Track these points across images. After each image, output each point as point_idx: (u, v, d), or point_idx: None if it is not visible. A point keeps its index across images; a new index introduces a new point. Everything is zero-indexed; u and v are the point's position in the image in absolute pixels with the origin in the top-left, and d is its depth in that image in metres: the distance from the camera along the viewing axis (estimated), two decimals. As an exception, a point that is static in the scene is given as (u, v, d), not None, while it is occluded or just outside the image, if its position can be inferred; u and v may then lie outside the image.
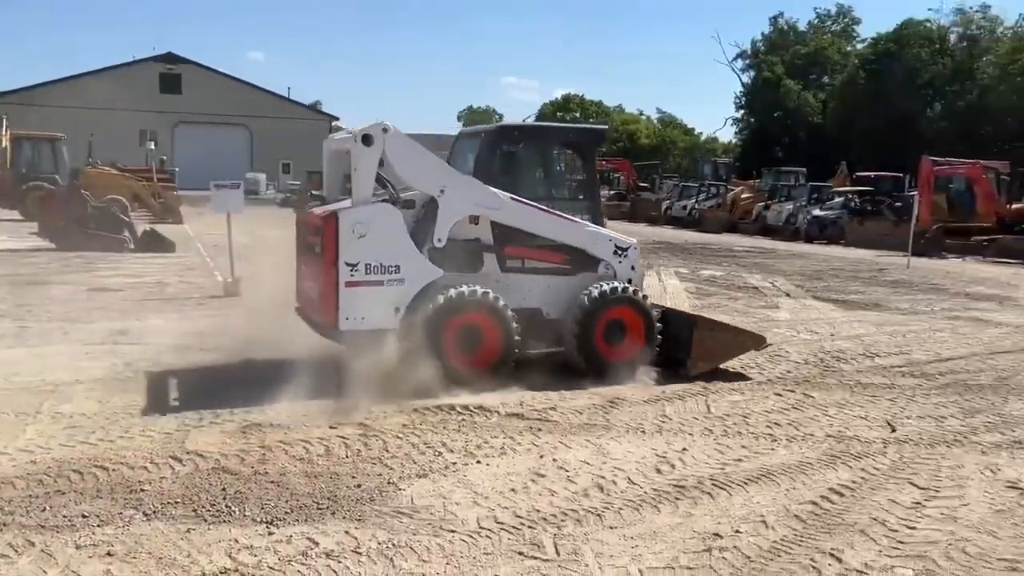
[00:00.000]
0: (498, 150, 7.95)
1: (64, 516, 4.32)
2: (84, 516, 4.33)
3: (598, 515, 4.64)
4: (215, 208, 12.95)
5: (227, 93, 59.44)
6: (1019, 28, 54.48)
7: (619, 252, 7.86)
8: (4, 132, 27.52)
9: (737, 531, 4.46)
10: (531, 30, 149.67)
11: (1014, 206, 25.98)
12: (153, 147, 41.42)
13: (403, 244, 6.97)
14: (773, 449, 5.85)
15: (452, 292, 6.89)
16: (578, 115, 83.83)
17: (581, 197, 8.36)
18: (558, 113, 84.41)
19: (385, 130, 6.87)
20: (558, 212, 7.69)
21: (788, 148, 58.63)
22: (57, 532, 4.14)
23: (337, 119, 69.64)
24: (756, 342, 8.03)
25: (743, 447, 5.86)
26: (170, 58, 59.22)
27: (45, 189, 23.01)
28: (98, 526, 4.23)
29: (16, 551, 3.93)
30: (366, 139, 6.82)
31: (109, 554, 3.95)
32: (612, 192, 43.36)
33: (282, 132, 59.57)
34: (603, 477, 5.22)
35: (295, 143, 59.79)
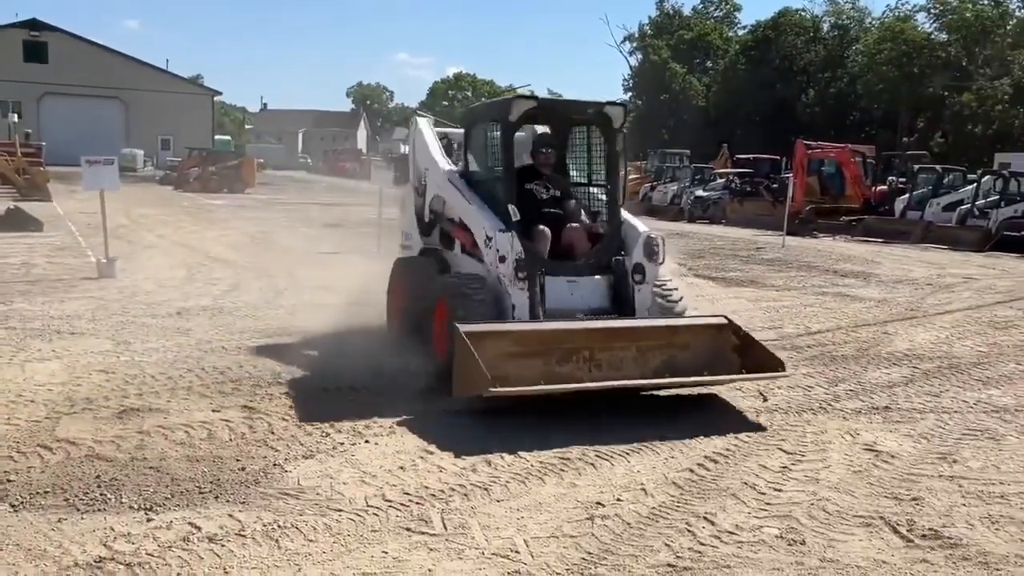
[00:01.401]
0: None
1: (-80, 511, 4.07)
2: (-57, 510, 4.09)
3: (485, 489, 4.72)
4: (86, 185, 12.32)
5: (99, 63, 56.26)
6: (886, 19, 57.73)
7: (488, 241, 6.81)
8: None
9: (619, 499, 4.63)
10: (425, 5, 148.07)
11: (878, 188, 27.69)
12: (16, 120, 38.85)
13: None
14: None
15: None
16: (469, 94, 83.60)
17: (599, 178, 7.46)
18: (449, 92, 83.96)
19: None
20: (460, 188, 7.23)
21: (673, 131, 60.36)
22: (-88, 528, 3.90)
23: (220, 93, 67.07)
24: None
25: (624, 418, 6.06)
26: (34, 24, 55.51)
27: None
28: (-41, 520, 4.01)
29: None
30: None
31: (-28, 548, 3.75)
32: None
33: (160, 106, 56.95)
34: (490, 452, 5.30)
35: (175, 118, 57.30)
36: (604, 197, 7.28)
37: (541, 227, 6.88)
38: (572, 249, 6.93)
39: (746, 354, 6.42)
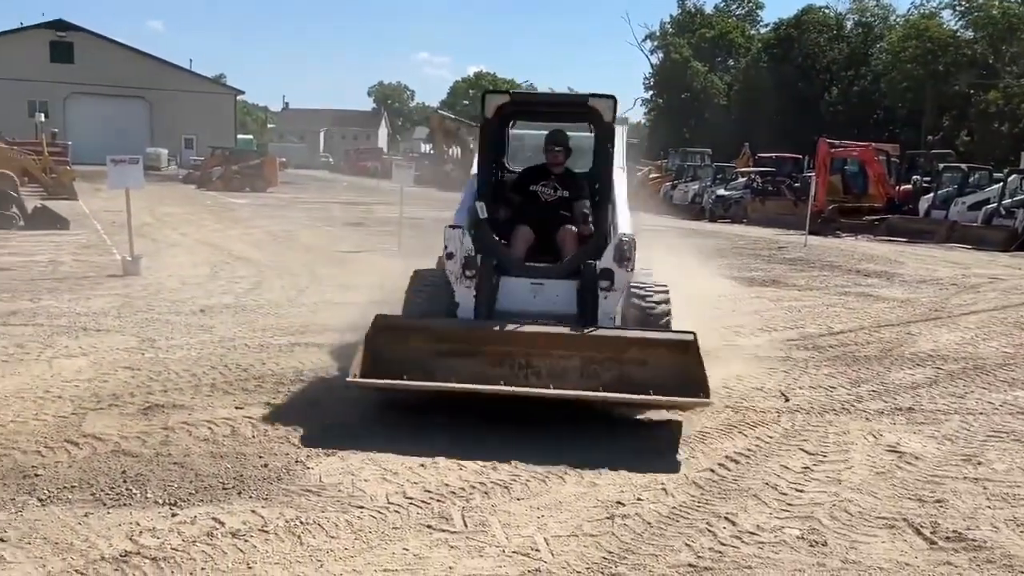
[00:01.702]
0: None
1: (-50, 504, 4.15)
2: (-27, 503, 4.17)
3: (506, 487, 4.73)
4: (112, 184, 12.46)
5: (124, 63, 56.84)
6: (910, 16, 57.15)
7: None
8: None
9: (639, 499, 4.63)
10: (445, 4, 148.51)
11: (902, 188, 27.43)
12: (43, 119, 39.30)
13: None
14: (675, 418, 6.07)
15: None
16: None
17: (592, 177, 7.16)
18: (470, 91, 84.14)
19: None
20: (467, 188, 7.11)
21: (694, 129, 60.07)
22: (-56, 520, 3.98)
23: (242, 93, 67.59)
24: None
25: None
26: (61, 25, 56.17)
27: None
28: (-11, 513, 4.08)
29: (-101, 541, 3.75)
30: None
31: (1, 540, 3.82)
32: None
33: (184, 106, 57.47)
34: (512, 450, 5.31)
35: (198, 117, 57.83)
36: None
37: (522, 227, 6.70)
38: (562, 251, 6.66)
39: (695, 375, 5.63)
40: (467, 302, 6.25)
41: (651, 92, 69.12)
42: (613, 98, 6.52)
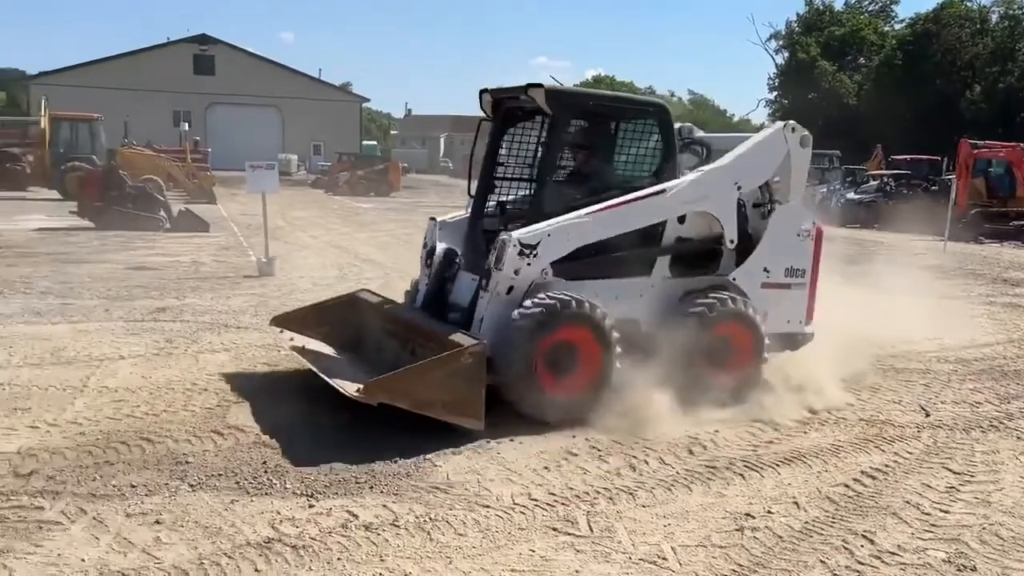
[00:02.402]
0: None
1: (113, 486, 4.47)
2: (132, 486, 4.48)
3: (631, 494, 4.70)
4: (250, 188, 13.10)
5: (259, 74, 59.77)
6: (1063, 8, 53.10)
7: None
8: (43, 113, 28.01)
9: (769, 511, 4.50)
10: (564, 9, 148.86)
11: (1055, 191, 25.47)
12: (187, 128, 41.82)
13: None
14: (805, 432, 5.87)
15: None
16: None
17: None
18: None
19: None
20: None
21: (822, 130, 57.79)
22: (107, 501, 4.29)
23: (367, 100, 69.81)
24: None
25: (775, 430, 5.88)
26: (204, 39, 59.60)
27: (83, 169, 23.35)
28: (146, 495, 4.38)
29: (69, 518, 4.08)
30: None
31: (158, 522, 4.09)
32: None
33: (312, 113, 59.85)
34: (635, 457, 5.28)
35: (325, 124, 60.14)
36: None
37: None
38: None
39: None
40: (421, 289, 6.80)
41: (775, 93, 67.04)
42: (542, 86, 6.23)
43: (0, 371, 6.66)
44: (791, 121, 6.93)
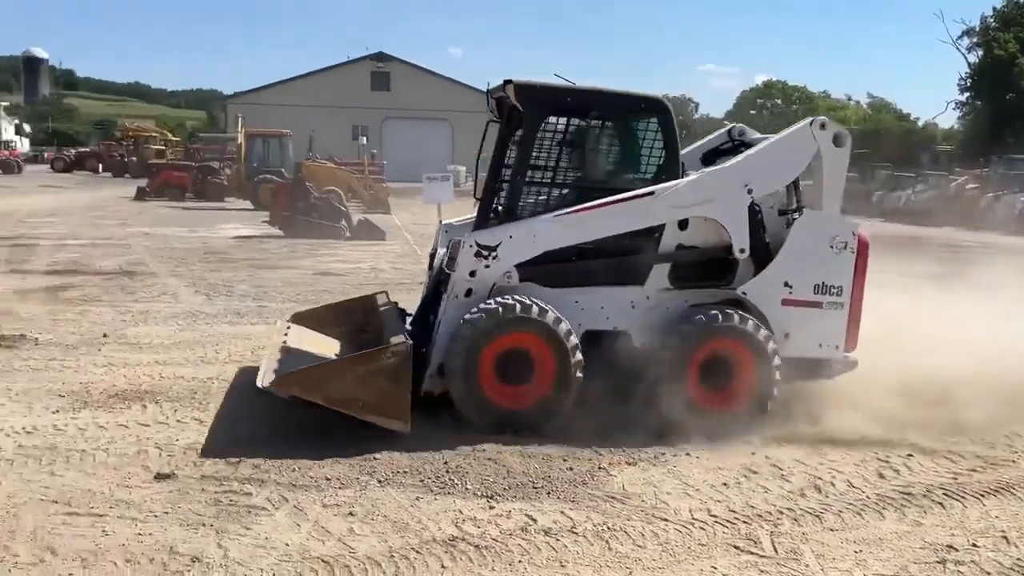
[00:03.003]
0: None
1: (311, 477, 4.78)
2: (327, 479, 4.76)
3: (816, 516, 4.50)
4: (426, 199, 13.56)
5: (431, 89, 62.17)
6: None
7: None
8: (240, 130, 30.44)
9: (974, 544, 4.18)
10: (732, 14, 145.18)
11: None
12: (364, 141, 44.18)
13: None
14: (1014, 461, 5.40)
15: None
16: (779, 101, 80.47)
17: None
18: (758, 100, 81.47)
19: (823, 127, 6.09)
20: None
21: (1021, 133, 53.02)
22: (306, 491, 4.59)
23: (533, 112, 70.82)
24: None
25: (978, 457, 5.45)
26: (380, 57, 62.83)
27: (274, 181, 25.19)
28: (340, 488, 4.65)
29: (273, 505, 4.40)
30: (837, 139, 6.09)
31: (351, 514, 4.33)
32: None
33: (480, 126, 61.36)
34: (820, 478, 5.05)
35: (492, 136, 61.79)
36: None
37: None
38: None
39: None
40: (423, 293, 6.83)
41: (967, 94, 62.16)
42: (510, 81, 6.03)
43: (209, 367, 7.29)
44: (822, 116, 6.20)
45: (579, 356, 5.67)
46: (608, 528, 4.27)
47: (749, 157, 6.16)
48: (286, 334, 6.79)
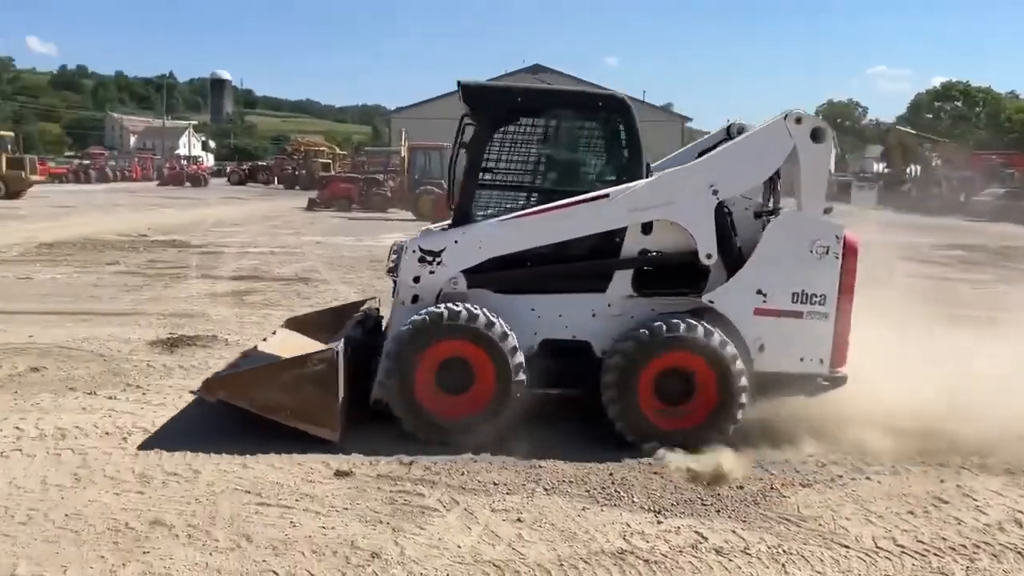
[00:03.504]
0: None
1: (479, 482, 4.87)
2: (495, 484, 4.85)
3: (1019, 553, 4.13)
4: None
5: (587, 99, 62.39)
6: None
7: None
8: (404, 143, 31.70)
9: None
10: (905, 13, 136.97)
11: None
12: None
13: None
14: None
15: None
16: (959, 103, 75.10)
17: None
18: (935, 103, 76.39)
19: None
20: None
21: None
22: (475, 495, 4.69)
23: (690, 120, 69.82)
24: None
25: None
26: (537, 69, 63.67)
27: (434, 192, 26.02)
28: (507, 494, 4.72)
29: (445, 507, 4.52)
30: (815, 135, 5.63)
31: (519, 520, 4.38)
32: (1004, 190, 38.32)
33: (640, 132, 61.14)
34: (1021, 512, 4.64)
35: (649, 143, 61.13)
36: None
37: None
38: None
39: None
40: None
41: None
42: (459, 82, 5.89)
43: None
44: (796, 109, 5.57)
45: (521, 362, 5.41)
46: (784, 551, 4.10)
47: (714, 156, 5.82)
48: (265, 339, 6.75)
